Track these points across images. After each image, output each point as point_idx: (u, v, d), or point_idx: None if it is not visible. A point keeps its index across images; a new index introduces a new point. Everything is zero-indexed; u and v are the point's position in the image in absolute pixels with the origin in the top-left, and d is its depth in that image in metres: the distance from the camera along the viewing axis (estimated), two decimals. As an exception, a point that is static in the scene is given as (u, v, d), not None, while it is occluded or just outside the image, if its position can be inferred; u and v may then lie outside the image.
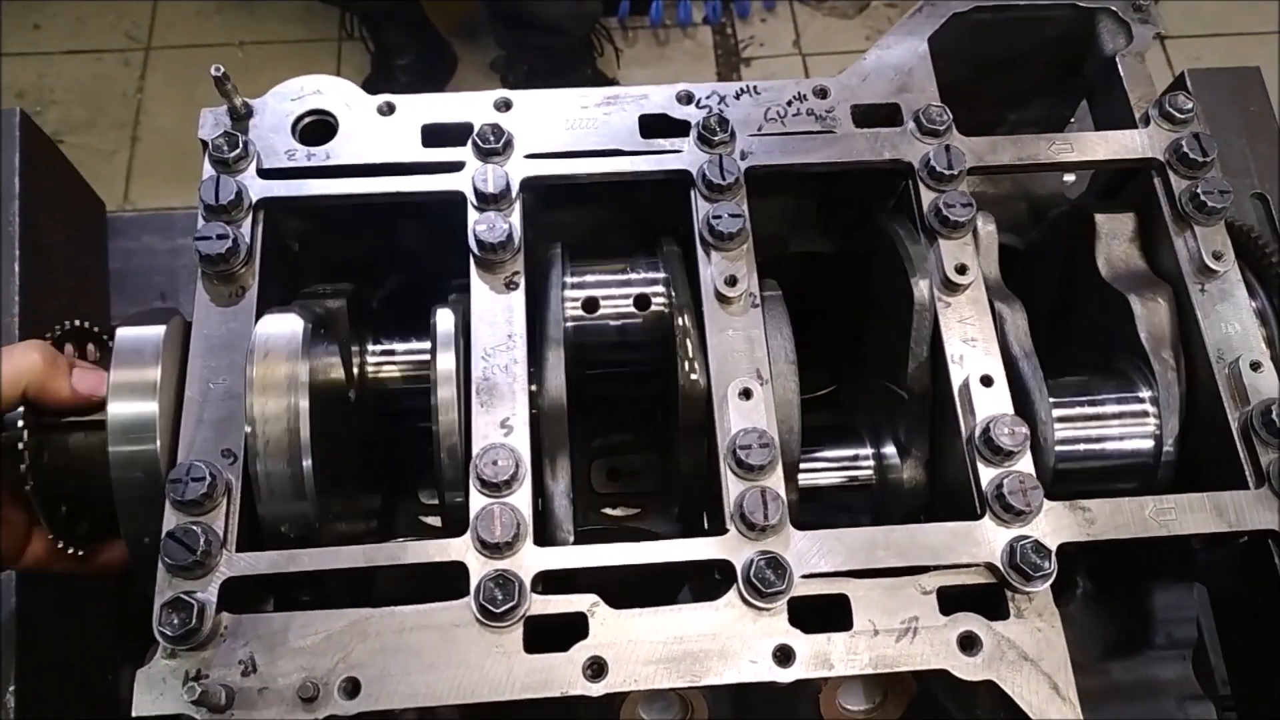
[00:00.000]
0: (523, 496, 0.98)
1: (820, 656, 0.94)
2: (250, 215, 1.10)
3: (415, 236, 1.29)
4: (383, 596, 1.00)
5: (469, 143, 1.14)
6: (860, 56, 1.23)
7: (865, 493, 1.28)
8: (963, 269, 1.09)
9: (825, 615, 0.96)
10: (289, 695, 0.90)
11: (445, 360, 1.07)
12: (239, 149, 1.11)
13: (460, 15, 4.09)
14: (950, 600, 0.96)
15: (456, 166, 1.13)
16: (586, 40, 3.92)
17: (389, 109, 1.17)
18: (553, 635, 0.94)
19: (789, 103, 1.20)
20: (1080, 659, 1.28)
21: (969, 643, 0.95)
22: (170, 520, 0.95)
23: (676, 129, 1.17)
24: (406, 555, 0.97)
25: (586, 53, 3.92)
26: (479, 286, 1.09)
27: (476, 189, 1.10)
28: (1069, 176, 1.51)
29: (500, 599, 0.93)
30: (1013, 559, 0.96)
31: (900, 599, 0.96)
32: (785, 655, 0.94)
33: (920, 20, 1.25)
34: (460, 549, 0.96)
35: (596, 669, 0.93)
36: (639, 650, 0.93)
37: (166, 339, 1.07)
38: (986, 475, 1.00)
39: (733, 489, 0.99)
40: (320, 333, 1.07)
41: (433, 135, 1.16)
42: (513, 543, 0.95)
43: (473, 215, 1.10)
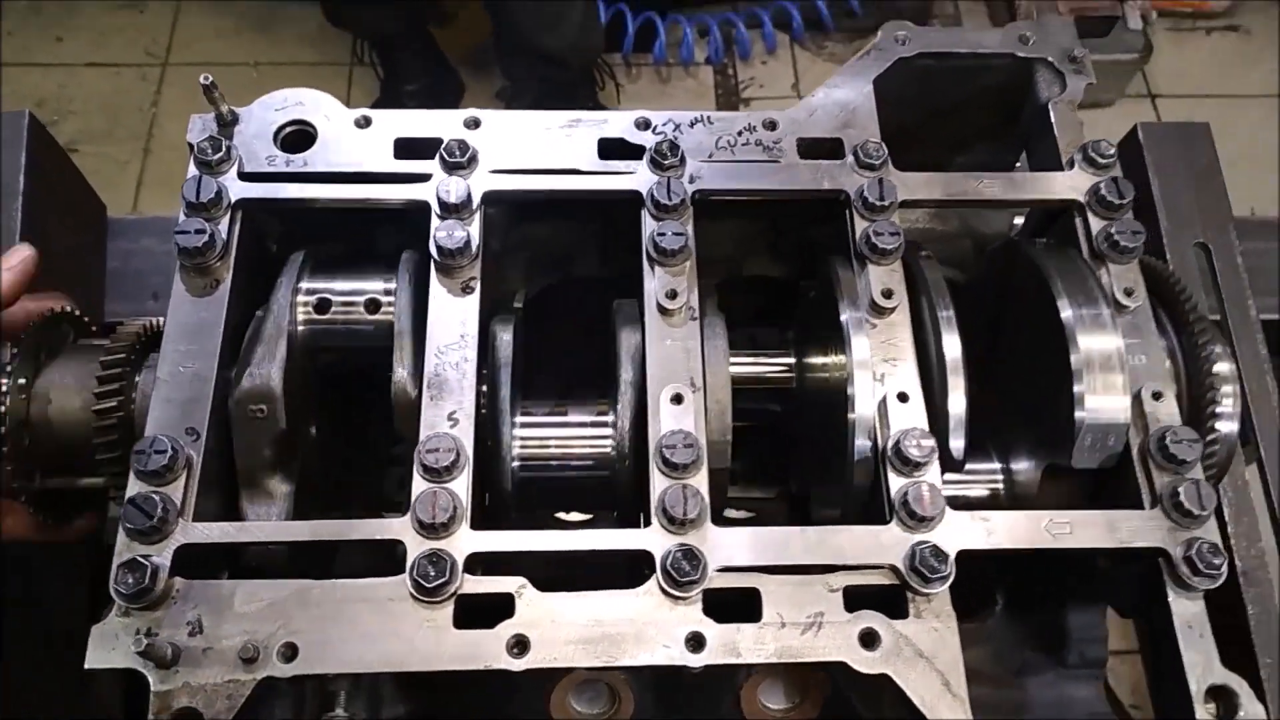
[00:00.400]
0: (461, 484, 1.05)
1: (729, 645, 1.00)
2: (228, 214, 1.18)
3: (391, 241, 1.37)
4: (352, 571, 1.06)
5: (436, 156, 1.22)
6: (810, 94, 1.31)
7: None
8: (889, 294, 1.16)
9: (738, 608, 1.03)
10: (230, 656, 0.97)
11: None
12: (222, 152, 1.20)
13: (471, 45, 4.21)
14: (855, 598, 1.02)
15: (424, 178, 1.21)
16: (589, 73, 4.03)
17: (365, 122, 1.26)
18: (483, 614, 1.01)
19: (739, 133, 1.28)
20: (997, 673, 1.34)
21: (869, 639, 1.01)
22: (133, 488, 1.02)
23: (632, 153, 1.25)
24: (351, 531, 1.04)
25: (588, 85, 4.02)
26: (437, 289, 1.16)
27: (440, 199, 1.18)
28: (1018, 219, 1.59)
29: (432, 575, 0.99)
30: (913, 562, 1.02)
31: (808, 595, 1.02)
32: (697, 642, 1.00)
33: (868, 62, 1.33)
34: (400, 528, 1.03)
35: (520, 646, 0.99)
36: (560, 631, 1.00)
37: None
38: (896, 483, 1.07)
39: (658, 485, 1.06)
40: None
41: (404, 148, 1.24)
42: (449, 524, 1.02)
43: (435, 223, 1.18)
